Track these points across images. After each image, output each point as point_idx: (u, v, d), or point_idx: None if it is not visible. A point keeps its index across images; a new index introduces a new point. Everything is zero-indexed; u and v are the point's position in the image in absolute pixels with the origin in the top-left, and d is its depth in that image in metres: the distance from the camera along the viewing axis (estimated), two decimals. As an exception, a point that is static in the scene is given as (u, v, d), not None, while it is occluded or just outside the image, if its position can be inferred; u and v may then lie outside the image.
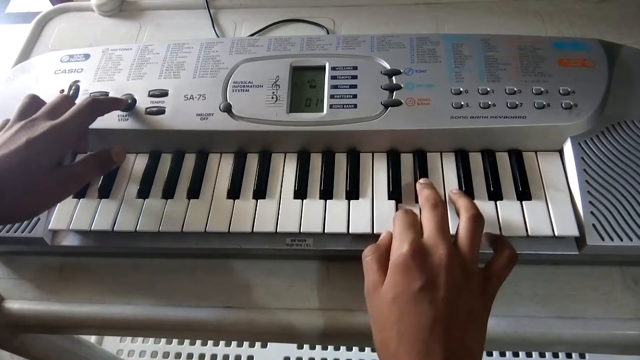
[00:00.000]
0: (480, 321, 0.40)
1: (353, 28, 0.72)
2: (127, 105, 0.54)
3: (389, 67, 0.55)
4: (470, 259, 0.41)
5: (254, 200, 0.51)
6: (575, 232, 0.46)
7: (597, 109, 0.50)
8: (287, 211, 0.50)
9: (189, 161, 0.55)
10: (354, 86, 0.54)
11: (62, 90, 0.58)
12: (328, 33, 0.71)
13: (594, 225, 0.46)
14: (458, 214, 0.44)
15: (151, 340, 1.10)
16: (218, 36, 0.73)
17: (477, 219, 0.43)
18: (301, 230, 0.49)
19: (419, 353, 0.37)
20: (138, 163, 0.55)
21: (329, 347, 1.05)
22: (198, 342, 1.09)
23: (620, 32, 0.67)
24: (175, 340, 1.09)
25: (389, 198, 0.50)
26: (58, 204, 0.52)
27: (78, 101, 0.56)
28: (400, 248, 0.41)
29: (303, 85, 0.56)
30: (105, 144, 0.55)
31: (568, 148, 0.50)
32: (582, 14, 0.69)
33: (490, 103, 0.51)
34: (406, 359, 0.37)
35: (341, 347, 1.05)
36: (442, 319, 0.37)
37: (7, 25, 1.90)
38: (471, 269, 0.40)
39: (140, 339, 1.10)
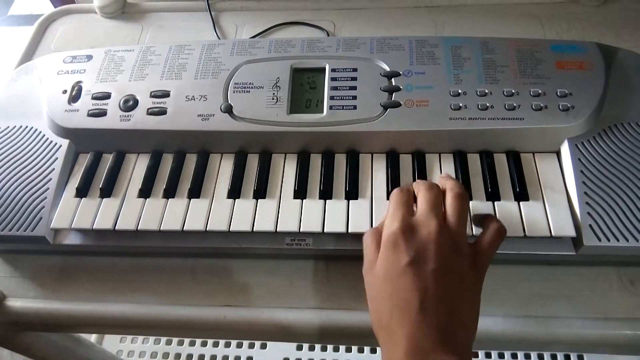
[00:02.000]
0: (472, 294, 0.40)
1: (353, 31, 0.73)
2: None
3: (388, 69, 0.56)
4: (458, 233, 0.41)
5: (254, 200, 0.51)
6: (572, 232, 0.46)
7: (594, 111, 0.51)
8: (287, 211, 0.50)
9: (190, 161, 0.55)
10: (354, 88, 0.55)
11: (65, 91, 0.58)
12: (328, 35, 0.72)
13: (590, 226, 0.46)
14: (444, 195, 0.45)
15: (151, 340, 1.10)
16: (219, 38, 0.73)
17: (461, 196, 0.43)
18: (301, 230, 0.49)
19: (411, 325, 0.37)
20: (139, 163, 0.56)
21: (328, 347, 1.05)
22: (198, 342, 1.09)
23: (618, 35, 0.67)
24: (175, 341, 1.09)
25: (388, 198, 0.50)
26: (60, 204, 0.52)
27: (80, 102, 0.57)
28: (390, 225, 0.41)
29: (303, 87, 0.56)
30: (107, 144, 0.56)
31: (565, 149, 0.50)
32: (581, 17, 0.70)
33: (488, 105, 0.52)
34: (400, 333, 0.37)
35: (340, 348, 1.05)
36: (433, 292, 0.38)
37: (9, 27, 1.91)
38: (460, 243, 0.41)
39: (140, 339, 1.11)
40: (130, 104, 0.56)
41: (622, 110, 0.52)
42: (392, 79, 0.55)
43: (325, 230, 0.49)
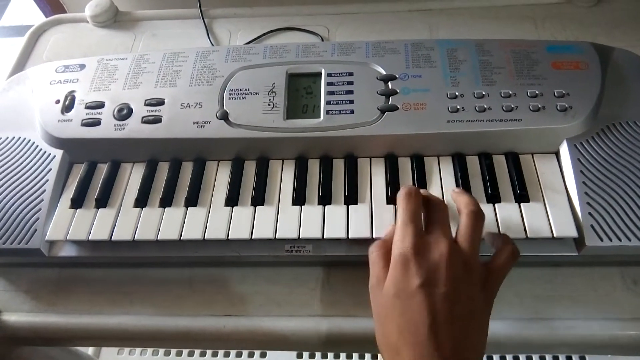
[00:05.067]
0: (482, 316, 0.40)
1: (347, 36, 0.72)
2: None
3: (384, 73, 0.55)
4: (471, 254, 0.41)
5: (252, 207, 0.51)
6: (573, 233, 0.46)
7: (591, 111, 0.51)
8: (285, 217, 0.50)
9: (187, 169, 0.55)
10: (350, 92, 0.54)
11: (58, 101, 0.57)
12: (322, 40, 0.71)
13: (592, 226, 0.46)
14: (459, 212, 0.44)
15: (149, 352, 1.09)
16: (213, 45, 0.73)
17: (477, 214, 0.43)
18: (300, 236, 0.48)
19: (420, 347, 0.36)
20: (135, 172, 0.55)
21: (328, 355, 1.05)
22: (197, 353, 1.08)
23: (611, 35, 0.67)
24: (173, 352, 1.08)
25: (388, 202, 0.50)
26: (55, 215, 0.52)
27: (74, 112, 0.56)
28: (401, 244, 0.41)
29: (299, 92, 0.56)
30: (102, 154, 0.56)
31: (564, 150, 0.50)
32: (575, 18, 0.70)
33: (485, 107, 0.52)
34: (408, 353, 0.37)
35: (341, 355, 1.04)
36: (443, 314, 0.37)
37: (0, 38, 1.90)
38: (472, 264, 0.40)
39: (138, 351, 1.09)
40: (124, 112, 0.55)
41: (620, 109, 0.52)
42: (389, 83, 0.54)
43: (325, 236, 0.48)
